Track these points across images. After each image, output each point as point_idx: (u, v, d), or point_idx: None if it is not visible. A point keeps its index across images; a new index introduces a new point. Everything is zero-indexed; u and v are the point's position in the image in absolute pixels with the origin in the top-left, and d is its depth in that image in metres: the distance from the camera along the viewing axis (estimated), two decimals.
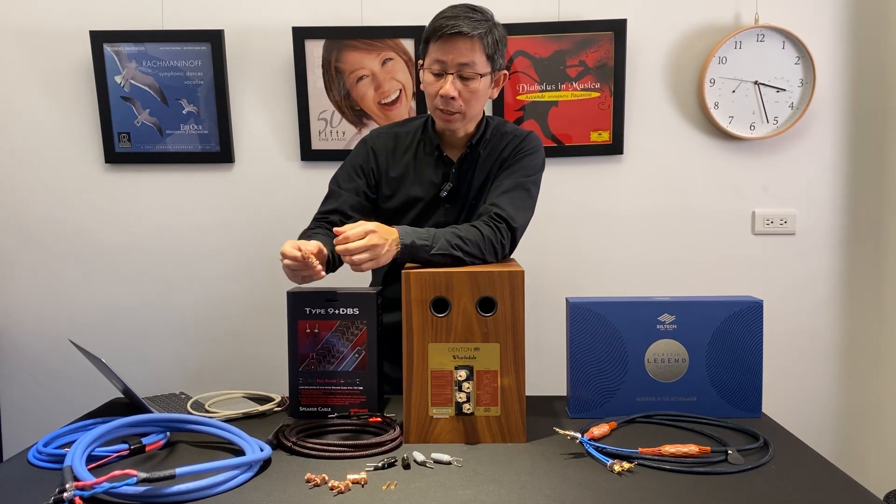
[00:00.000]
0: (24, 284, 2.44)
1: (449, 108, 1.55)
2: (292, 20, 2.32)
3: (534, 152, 1.64)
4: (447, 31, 1.49)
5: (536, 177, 1.64)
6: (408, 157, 1.67)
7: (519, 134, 1.67)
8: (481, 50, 1.52)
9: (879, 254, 2.37)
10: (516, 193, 1.59)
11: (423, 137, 1.68)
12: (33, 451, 1.28)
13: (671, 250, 2.39)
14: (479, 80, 1.54)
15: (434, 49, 1.53)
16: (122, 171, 2.40)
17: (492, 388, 1.35)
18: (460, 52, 1.50)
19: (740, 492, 1.11)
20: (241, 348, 2.44)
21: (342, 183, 1.67)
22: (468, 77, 1.53)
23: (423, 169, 1.66)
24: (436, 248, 1.42)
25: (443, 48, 1.51)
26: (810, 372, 2.42)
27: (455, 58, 1.51)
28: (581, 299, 1.49)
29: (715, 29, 2.31)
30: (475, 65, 1.52)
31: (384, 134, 1.71)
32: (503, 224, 1.53)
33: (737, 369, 1.47)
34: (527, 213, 1.61)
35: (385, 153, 1.68)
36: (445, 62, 1.52)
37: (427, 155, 1.66)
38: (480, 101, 1.59)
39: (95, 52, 2.31)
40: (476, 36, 1.50)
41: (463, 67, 1.52)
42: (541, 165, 1.66)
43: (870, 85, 2.33)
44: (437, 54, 1.52)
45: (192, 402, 1.59)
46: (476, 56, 1.52)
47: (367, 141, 1.71)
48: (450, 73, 1.52)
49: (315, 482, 1.15)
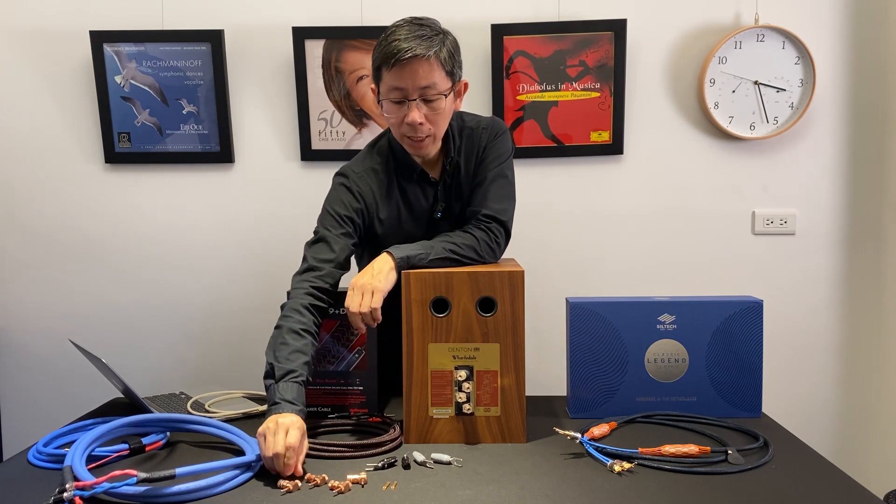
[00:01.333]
0: (24, 284, 2.44)
1: (418, 135, 1.47)
2: (292, 20, 2.32)
3: (500, 135, 1.60)
4: (401, 57, 1.39)
5: (509, 160, 1.60)
6: (392, 191, 1.59)
7: (485, 124, 1.61)
8: (440, 68, 1.44)
9: (879, 254, 2.37)
10: (496, 183, 1.56)
11: (397, 166, 1.59)
12: (33, 451, 1.28)
13: (671, 250, 2.39)
14: (443, 100, 1.46)
15: (390, 77, 1.43)
16: (122, 171, 2.40)
17: (492, 389, 1.35)
18: (419, 76, 1.41)
19: (740, 492, 1.11)
20: (241, 348, 2.44)
21: (332, 230, 1.53)
22: (431, 99, 1.45)
23: (410, 199, 1.59)
24: (433, 254, 1.42)
25: (399, 75, 1.42)
26: (810, 372, 2.42)
27: (415, 83, 1.42)
28: (581, 299, 1.49)
29: (715, 29, 2.31)
30: (437, 85, 1.44)
31: (361, 173, 1.59)
32: (493, 223, 1.52)
33: (737, 369, 1.47)
34: (511, 201, 1.58)
35: (371, 195, 1.58)
36: (405, 89, 1.43)
37: (409, 182, 1.59)
38: (447, 119, 1.52)
39: (95, 52, 2.31)
40: (432, 55, 1.41)
41: (425, 90, 1.43)
42: (510, 147, 1.62)
43: (870, 85, 2.33)
44: (394, 82, 1.43)
45: (192, 402, 1.59)
46: (436, 76, 1.43)
47: (348, 184, 1.58)
48: (412, 98, 1.44)
49: (315, 482, 1.15)
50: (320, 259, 1.48)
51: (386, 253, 1.43)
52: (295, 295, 1.44)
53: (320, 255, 1.49)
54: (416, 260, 1.41)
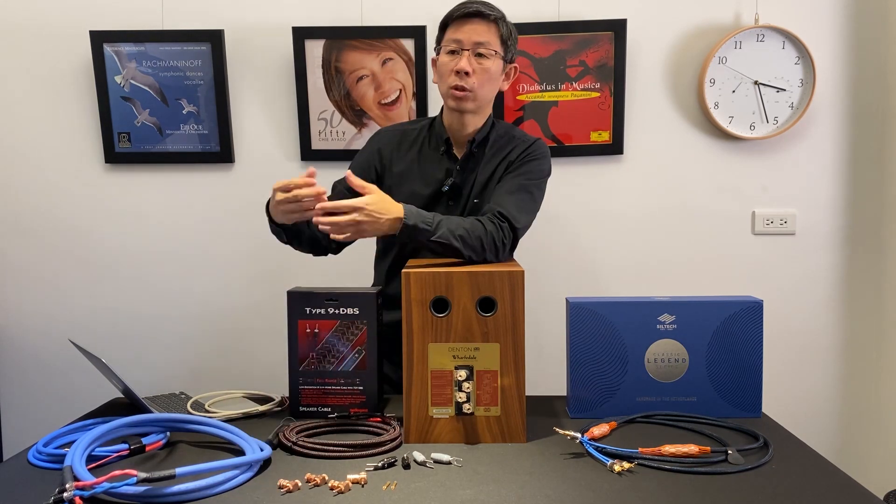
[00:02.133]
0: (24, 284, 2.44)
1: (464, 84, 1.58)
2: (292, 20, 2.32)
3: (541, 158, 1.67)
4: (465, 11, 1.58)
5: (541, 182, 1.66)
6: (412, 152, 1.70)
7: (527, 140, 1.70)
8: (496, 32, 1.59)
9: (879, 254, 2.37)
10: (520, 195, 1.60)
11: (429, 133, 1.72)
12: (33, 451, 1.28)
13: (671, 250, 2.39)
14: (493, 59, 1.59)
15: (451, 30, 1.60)
16: (122, 171, 2.41)
17: (492, 388, 1.35)
18: (476, 31, 1.57)
19: (740, 492, 1.11)
20: (241, 348, 2.44)
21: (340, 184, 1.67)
22: (483, 55, 1.58)
23: (426, 164, 1.69)
24: (437, 234, 1.45)
25: (460, 28, 1.58)
26: (810, 372, 2.42)
27: (471, 36, 1.57)
28: (581, 299, 1.49)
29: (715, 29, 2.31)
30: (490, 44, 1.58)
31: (390, 131, 1.76)
32: (506, 223, 1.54)
33: (737, 369, 1.47)
34: (529, 216, 1.62)
35: (390, 149, 1.71)
36: (462, 40, 1.58)
37: (432, 150, 1.70)
38: (492, 85, 1.63)
39: (95, 52, 2.31)
40: (492, 19, 1.58)
41: (479, 46, 1.58)
42: (547, 171, 1.68)
43: (870, 85, 2.33)
44: (453, 34, 1.59)
45: (192, 402, 1.59)
46: (491, 36, 1.59)
47: (373, 140, 1.75)
48: (466, 49, 1.58)
49: (315, 482, 1.15)
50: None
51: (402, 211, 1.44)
52: None
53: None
54: (419, 234, 1.44)
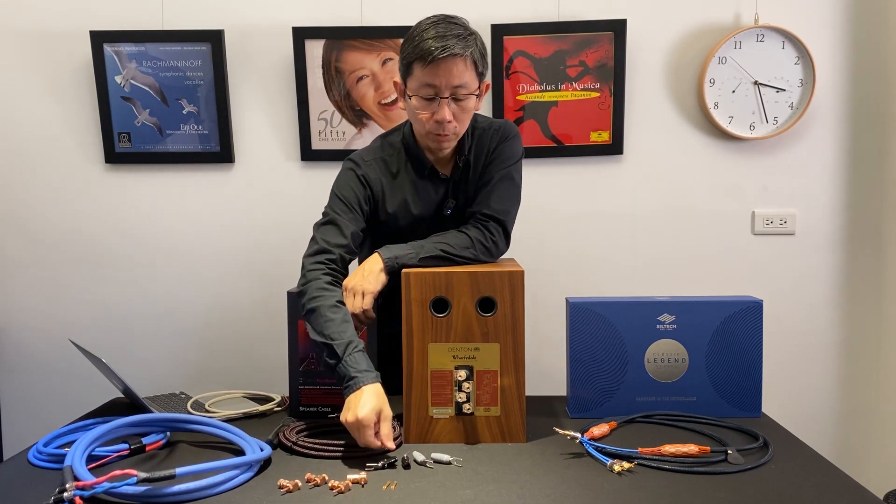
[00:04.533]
0: (24, 284, 2.44)
1: (444, 132, 1.49)
2: (292, 20, 2.32)
3: (512, 138, 1.61)
4: (439, 55, 1.40)
5: (518, 164, 1.61)
6: (401, 182, 1.59)
7: (497, 126, 1.62)
8: (473, 68, 1.46)
9: (879, 254, 2.37)
10: (501, 185, 1.57)
11: (409, 158, 1.60)
12: (33, 451, 1.28)
13: (671, 250, 2.39)
14: (472, 100, 1.49)
15: (423, 73, 1.43)
16: (122, 171, 2.40)
17: (492, 388, 1.35)
18: (452, 74, 1.42)
19: (740, 492, 1.11)
20: (241, 348, 2.44)
21: (342, 214, 1.53)
22: (461, 98, 1.46)
23: (419, 190, 1.59)
24: (423, 253, 1.44)
25: (434, 72, 1.42)
26: (810, 372, 2.42)
27: (449, 80, 1.43)
28: (581, 299, 1.49)
29: (715, 29, 2.31)
30: (468, 85, 1.45)
31: (371, 161, 1.60)
32: (491, 222, 1.52)
33: (737, 369, 1.47)
34: (514, 203, 1.59)
35: (378, 182, 1.59)
36: (438, 86, 1.44)
37: (419, 175, 1.59)
38: (470, 115, 1.54)
39: (95, 52, 2.31)
40: (468, 55, 1.43)
41: (457, 90, 1.44)
42: (519, 151, 1.62)
43: (870, 85, 2.33)
44: (427, 78, 1.43)
45: (192, 402, 1.59)
46: (469, 76, 1.45)
47: (356, 170, 1.59)
48: (444, 97, 1.45)
49: (315, 482, 1.15)
50: (332, 243, 1.49)
51: (376, 253, 1.45)
52: (313, 276, 1.44)
53: (332, 239, 1.49)
54: (405, 259, 1.42)
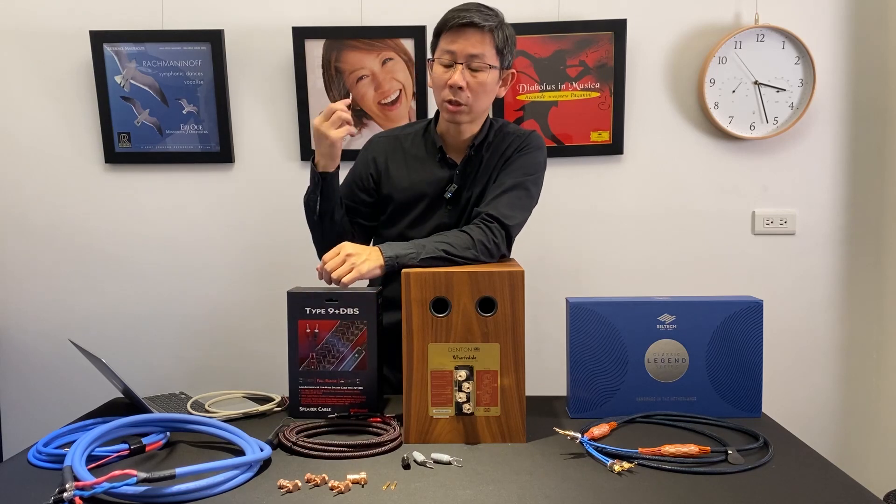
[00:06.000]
0: (24, 284, 2.44)
1: (457, 99, 1.54)
2: (292, 20, 2.32)
3: (535, 150, 1.64)
4: (458, 22, 1.51)
5: (537, 175, 1.64)
6: (408, 158, 1.67)
7: (521, 133, 1.67)
8: (491, 42, 1.53)
9: (879, 254, 2.37)
10: (514, 192, 1.58)
11: (425, 139, 1.68)
12: (33, 451, 1.28)
13: (671, 250, 2.39)
14: (487, 72, 1.54)
15: (444, 40, 1.54)
16: (122, 171, 2.41)
17: (492, 388, 1.35)
18: (470, 42, 1.51)
19: (740, 492, 1.11)
20: (241, 348, 2.44)
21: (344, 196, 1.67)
22: (477, 68, 1.53)
23: (426, 168, 1.66)
24: (424, 253, 1.43)
25: (453, 39, 1.52)
26: (810, 372, 2.42)
27: (465, 48, 1.52)
28: (581, 299, 1.49)
29: (715, 29, 2.31)
30: (484, 56, 1.53)
31: (384, 137, 1.72)
32: (495, 223, 1.53)
33: (737, 369, 1.47)
34: (524, 212, 1.60)
35: (384, 155, 1.68)
36: (455, 52, 1.53)
37: (430, 156, 1.66)
38: (488, 97, 1.59)
39: (95, 52, 2.31)
40: (487, 28, 1.51)
41: (472, 59, 1.52)
42: (542, 164, 1.65)
43: (870, 85, 2.33)
44: (447, 45, 1.54)
45: (192, 402, 1.59)
46: (486, 48, 1.53)
47: (367, 149, 1.71)
48: (459, 62, 1.53)
49: (315, 482, 1.15)
50: None
51: (378, 249, 1.46)
52: None
53: None
54: (406, 259, 1.42)
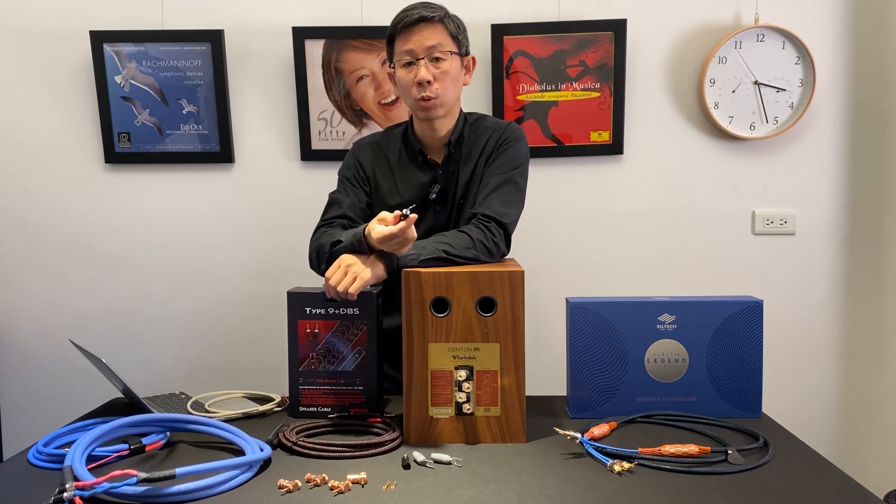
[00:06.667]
0: (24, 284, 2.44)
1: (427, 94, 1.56)
2: (292, 20, 2.32)
3: (516, 142, 1.64)
4: (408, 21, 1.55)
5: (522, 168, 1.64)
6: (392, 164, 1.69)
7: (499, 126, 1.67)
8: (445, 31, 1.57)
9: (879, 254, 2.37)
10: (504, 189, 1.59)
11: (403, 144, 1.70)
12: (33, 451, 1.28)
13: (671, 250, 2.39)
14: (450, 60, 1.57)
15: (400, 42, 1.58)
16: (122, 171, 2.40)
17: (492, 388, 1.35)
18: (425, 36, 1.55)
19: (740, 492, 1.11)
20: (241, 348, 2.44)
21: (340, 193, 1.68)
22: (439, 58, 1.56)
23: (408, 174, 1.67)
24: (424, 255, 1.43)
25: (407, 38, 1.56)
26: (810, 372, 2.42)
27: (422, 42, 1.55)
28: (581, 299, 1.49)
29: (715, 29, 2.31)
30: (442, 45, 1.56)
31: (365, 145, 1.73)
32: (492, 223, 1.53)
33: (737, 369, 1.47)
34: (517, 207, 1.61)
35: (369, 163, 1.70)
36: (414, 50, 1.56)
37: (411, 161, 1.68)
38: (455, 85, 1.61)
39: (95, 52, 2.31)
40: (437, 19, 1.56)
41: (431, 50, 1.55)
42: (525, 154, 1.66)
43: (870, 85, 2.33)
44: (403, 46, 1.57)
45: (192, 402, 1.59)
46: (442, 37, 1.56)
47: (353, 154, 1.73)
48: (420, 58, 1.55)
49: (315, 482, 1.15)
50: (329, 217, 1.65)
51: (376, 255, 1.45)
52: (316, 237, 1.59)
53: (329, 213, 1.65)
54: (406, 261, 1.42)
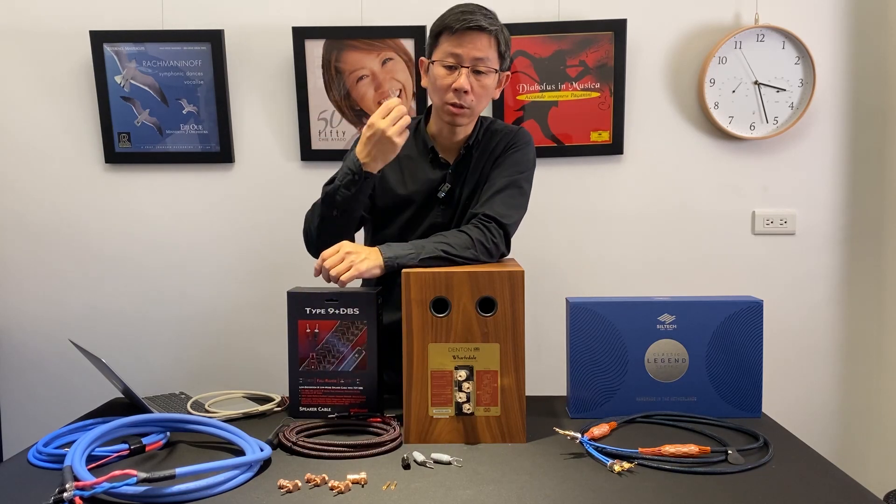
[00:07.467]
0: (24, 284, 2.44)
1: (461, 103, 1.54)
2: (292, 20, 2.32)
3: (524, 147, 1.64)
4: (465, 25, 1.49)
5: (528, 172, 1.64)
6: (402, 158, 1.65)
7: (509, 131, 1.67)
8: (495, 46, 1.54)
9: (879, 253, 2.37)
10: (508, 192, 1.59)
11: (416, 139, 1.67)
12: (33, 451, 1.28)
13: (671, 250, 2.39)
14: (491, 76, 1.55)
15: (448, 43, 1.53)
16: (122, 171, 2.41)
17: (492, 388, 1.35)
18: (476, 46, 1.51)
19: (740, 492, 1.11)
20: (241, 348, 2.44)
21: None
22: (482, 71, 1.53)
23: (418, 169, 1.65)
24: (423, 254, 1.43)
25: (459, 41, 1.51)
26: (810, 372, 2.42)
27: (471, 52, 1.51)
28: (581, 299, 1.49)
29: (715, 29, 2.31)
30: (489, 60, 1.53)
31: None
32: (493, 223, 1.53)
33: (737, 369, 1.47)
34: (519, 210, 1.61)
35: None
36: (461, 55, 1.52)
37: (422, 157, 1.66)
38: (488, 99, 1.61)
39: (95, 52, 2.31)
40: (492, 32, 1.52)
41: (478, 62, 1.52)
42: (532, 160, 1.66)
43: (870, 85, 2.33)
44: (451, 48, 1.52)
45: (192, 402, 1.59)
46: (491, 52, 1.53)
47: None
48: (465, 66, 1.52)
49: (315, 482, 1.15)
50: None
51: (377, 250, 1.46)
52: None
53: None
54: (405, 260, 1.42)
